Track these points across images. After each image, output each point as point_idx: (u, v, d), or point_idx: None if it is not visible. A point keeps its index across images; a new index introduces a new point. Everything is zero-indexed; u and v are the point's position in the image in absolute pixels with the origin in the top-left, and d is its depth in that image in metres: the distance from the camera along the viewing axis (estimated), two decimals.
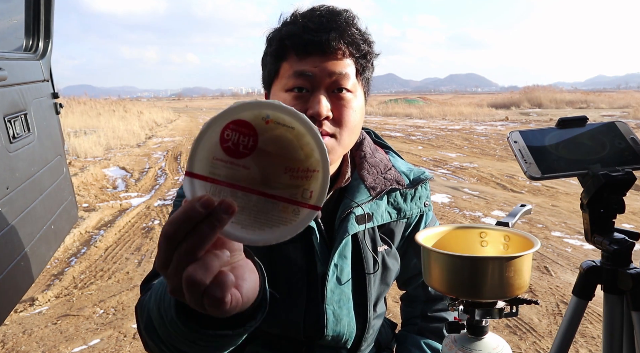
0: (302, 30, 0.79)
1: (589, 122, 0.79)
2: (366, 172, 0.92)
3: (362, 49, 0.81)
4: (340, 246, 0.87)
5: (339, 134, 0.81)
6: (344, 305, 0.90)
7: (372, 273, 0.91)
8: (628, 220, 4.30)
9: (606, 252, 0.72)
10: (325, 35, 0.77)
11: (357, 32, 0.81)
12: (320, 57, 0.78)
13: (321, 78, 0.78)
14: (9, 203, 1.42)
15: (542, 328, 2.46)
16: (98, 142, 10.02)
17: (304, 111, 0.78)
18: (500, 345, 0.66)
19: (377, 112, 24.66)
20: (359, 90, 0.84)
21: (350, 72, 0.80)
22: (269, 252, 0.87)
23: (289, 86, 0.80)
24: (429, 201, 0.98)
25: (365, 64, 0.83)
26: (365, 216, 0.89)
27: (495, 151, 9.08)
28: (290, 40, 0.79)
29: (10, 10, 1.88)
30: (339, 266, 0.88)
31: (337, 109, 0.80)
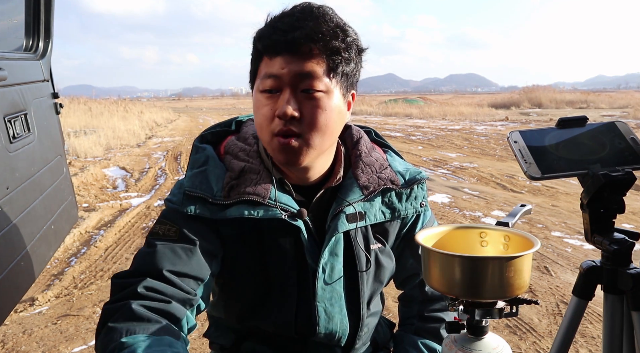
0: (271, 31, 0.79)
1: (589, 122, 0.79)
2: (360, 171, 0.91)
3: (333, 46, 0.78)
4: (330, 244, 0.87)
5: (307, 134, 0.80)
6: (336, 302, 0.90)
7: (365, 271, 0.91)
8: (628, 220, 4.30)
9: (606, 252, 0.72)
10: (292, 35, 0.76)
11: (328, 28, 0.78)
12: (288, 58, 0.78)
13: (289, 79, 0.78)
14: (9, 203, 1.42)
15: (542, 328, 2.46)
16: (98, 142, 10.02)
17: (274, 111, 0.79)
18: (500, 345, 0.66)
19: (377, 112, 24.66)
20: (334, 88, 0.81)
21: (319, 71, 0.78)
22: (261, 250, 0.88)
23: (262, 87, 0.80)
24: (425, 201, 0.97)
25: (339, 60, 0.80)
26: (357, 214, 0.88)
27: (495, 151, 9.08)
28: (261, 42, 0.80)
29: (10, 10, 1.88)
30: (330, 264, 0.89)
31: (305, 108, 0.79)
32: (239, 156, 0.88)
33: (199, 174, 0.86)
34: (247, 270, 0.89)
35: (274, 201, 0.84)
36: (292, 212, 0.85)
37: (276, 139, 0.80)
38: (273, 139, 0.81)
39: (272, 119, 0.80)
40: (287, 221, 0.84)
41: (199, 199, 0.84)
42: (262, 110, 0.81)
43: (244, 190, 0.83)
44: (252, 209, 0.83)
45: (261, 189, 0.84)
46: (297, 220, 0.85)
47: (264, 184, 0.85)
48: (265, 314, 0.91)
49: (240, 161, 0.87)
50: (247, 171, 0.86)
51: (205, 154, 0.89)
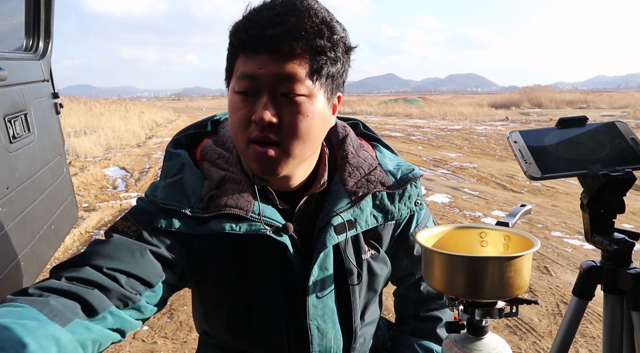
0: (248, 26, 0.71)
1: (589, 122, 0.79)
2: (347, 174, 0.84)
3: (317, 44, 0.70)
4: (318, 259, 0.81)
5: (286, 143, 0.73)
6: (329, 318, 0.85)
7: (357, 284, 0.86)
8: (628, 220, 4.30)
9: (606, 252, 0.72)
10: (271, 31, 0.68)
11: (312, 24, 0.70)
12: (267, 57, 0.70)
13: (267, 81, 0.70)
14: (9, 203, 1.41)
15: (542, 328, 2.46)
16: (98, 142, 10.01)
17: (250, 116, 0.72)
18: (500, 345, 0.66)
19: (377, 112, 24.66)
20: (317, 91, 0.73)
21: (300, 73, 0.71)
22: (240, 266, 0.82)
23: (237, 88, 0.73)
24: (420, 199, 0.90)
25: (323, 60, 0.72)
26: (345, 224, 0.81)
27: (495, 151, 9.08)
28: (237, 37, 0.72)
29: (10, 10, 1.88)
30: (320, 279, 0.83)
31: (285, 114, 0.72)
32: (218, 163, 0.81)
33: (174, 183, 0.79)
34: (225, 287, 0.83)
35: (257, 214, 0.77)
36: (277, 227, 0.78)
37: (252, 147, 0.73)
38: (249, 147, 0.74)
39: (248, 124, 0.73)
40: (271, 237, 0.78)
41: (175, 212, 0.76)
42: (237, 113, 0.74)
43: (225, 202, 0.76)
44: (233, 223, 0.76)
45: (243, 201, 0.77)
46: (282, 235, 0.79)
47: (246, 195, 0.78)
48: (253, 335, 0.85)
49: (219, 169, 0.80)
50: (227, 181, 0.79)
51: (180, 160, 0.82)
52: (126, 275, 0.72)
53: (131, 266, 0.73)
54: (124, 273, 0.72)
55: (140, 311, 0.74)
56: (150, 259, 0.75)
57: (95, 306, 0.66)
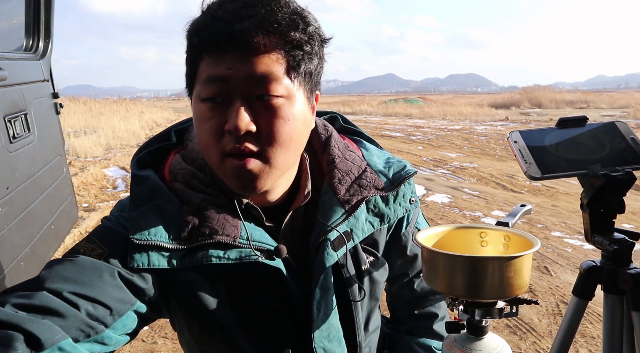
0: (212, 22, 0.62)
1: (589, 122, 0.79)
2: (337, 182, 0.76)
3: (292, 38, 0.63)
4: (319, 281, 0.74)
5: (267, 152, 0.65)
6: (334, 337, 0.79)
7: (359, 301, 0.81)
8: (628, 220, 4.30)
9: (606, 252, 0.72)
10: (239, 25, 0.60)
11: (285, 16, 0.62)
12: (236, 56, 0.61)
13: (238, 83, 0.62)
14: (9, 203, 1.41)
15: (542, 328, 2.46)
16: (98, 142, 10.02)
17: (222, 126, 0.63)
18: (500, 345, 0.66)
19: (377, 112, 24.66)
20: (296, 92, 0.66)
21: (277, 71, 0.63)
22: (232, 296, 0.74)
23: (203, 94, 0.64)
24: (414, 196, 0.84)
25: (300, 55, 0.64)
26: (342, 237, 0.74)
27: (495, 151, 9.08)
28: (198, 36, 0.63)
29: (10, 10, 1.88)
30: (323, 300, 0.76)
31: (262, 120, 0.63)
32: (193, 184, 0.72)
33: (146, 213, 0.68)
34: (219, 320, 0.74)
35: (246, 239, 0.69)
36: (269, 250, 0.71)
37: (228, 162, 0.64)
38: (224, 161, 0.65)
39: (221, 136, 0.64)
40: (265, 263, 0.70)
41: (152, 247, 0.66)
42: (206, 124, 0.64)
43: (209, 230, 0.68)
44: (221, 252, 0.68)
45: (229, 226, 0.69)
46: (274, 259, 0.71)
47: (231, 219, 0.69)
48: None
49: (196, 191, 0.71)
50: (208, 205, 0.70)
51: (149, 185, 0.71)
52: (90, 301, 0.62)
53: (97, 290, 0.63)
54: (88, 298, 0.62)
55: (103, 343, 0.64)
56: (119, 284, 0.65)
57: (42, 340, 0.55)
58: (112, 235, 0.69)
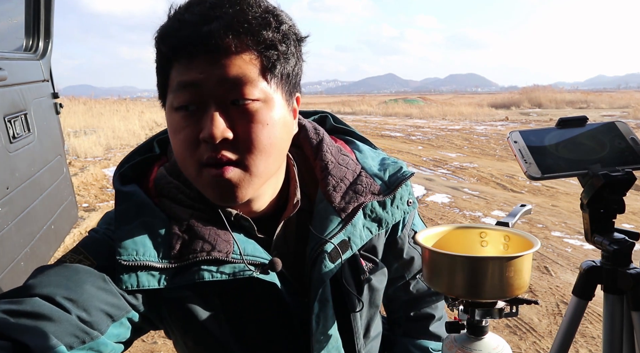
0: (179, 26, 0.59)
1: (589, 122, 0.79)
2: (332, 189, 0.73)
3: (265, 37, 0.59)
4: (318, 295, 0.72)
5: (246, 160, 0.61)
6: (333, 347, 0.77)
7: (358, 311, 0.78)
8: (628, 220, 4.30)
9: (606, 252, 0.72)
10: (207, 27, 0.57)
11: (256, 15, 0.60)
12: (207, 60, 0.58)
13: (210, 88, 0.59)
14: (9, 203, 1.42)
15: (542, 328, 2.46)
16: (98, 142, 10.02)
17: (197, 134, 0.59)
18: (500, 345, 0.66)
19: (377, 112, 24.66)
20: (274, 93, 0.63)
21: (251, 73, 0.59)
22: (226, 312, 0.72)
23: (175, 103, 0.61)
24: (412, 197, 0.81)
25: (275, 55, 0.61)
26: (340, 246, 0.72)
27: (495, 151, 9.08)
28: (165, 43, 0.60)
29: (10, 10, 1.88)
30: (322, 312, 0.74)
31: (239, 126, 0.60)
32: (180, 199, 0.69)
33: (133, 232, 0.65)
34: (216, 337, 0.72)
35: (239, 255, 0.66)
36: (263, 264, 0.68)
37: (206, 171, 0.61)
38: (202, 172, 0.61)
39: (197, 146, 0.60)
40: (259, 278, 0.68)
41: (141, 268, 0.63)
42: (181, 135, 0.61)
43: (201, 247, 0.65)
44: (213, 268, 0.65)
45: (221, 242, 0.66)
46: (269, 273, 0.69)
47: (223, 234, 0.67)
48: None
49: (184, 207, 0.68)
50: (196, 220, 0.67)
51: (134, 202, 0.68)
52: (84, 306, 0.59)
53: (90, 295, 0.60)
54: (81, 304, 0.59)
55: (99, 351, 0.60)
56: (113, 290, 0.63)
57: (32, 348, 0.52)
58: (99, 246, 0.66)
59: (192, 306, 0.70)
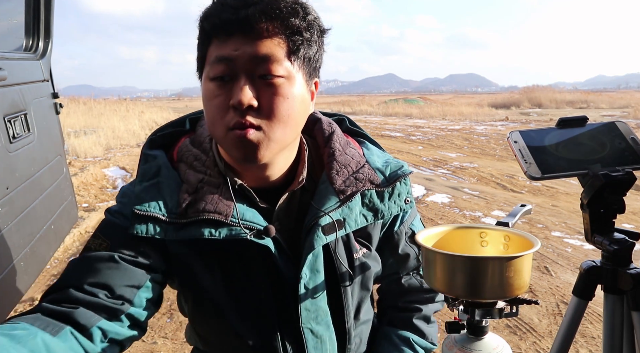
0: (220, 9, 0.69)
1: (589, 122, 0.79)
2: (335, 173, 0.81)
3: (293, 24, 0.69)
4: (307, 261, 0.78)
5: (267, 126, 0.70)
6: (322, 320, 0.83)
7: (349, 286, 0.84)
8: (628, 220, 4.30)
9: (606, 252, 0.72)
10: (245, 11, 0.67)
11: (287, 4, 0.69)
12: (242, 38, 0.68)
13: (243, 63, 0.68)
14: (9, 203, 1.41)
15: (542, 328, 2.46)
16: (98, 142, 10.02)
17: (228, 102, 0.69)
18: (500, 345, 0.66)
19: (377, 112, 24.67)
20: (296, 73, 0.72)
21: (278, 54, 0.69)
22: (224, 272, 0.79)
23: (212, 74, 0.70)
24: (410, 196, 0.88)
25: (300, 41, 0.70)
26: (334, 224, 0.79)
27: (495, 151, 9.08)
28: (208, 22, 0.70)
29: (10, 10, 1.88)
30: (312, 281, 0.80)
31: (263, 96, 0.69)
32: (195, 166, 0.78)
33: (150, 188, 0.76)
34: (211, 296, 0.79)
35: (237, 219, 0.74)
36: (259, 229, 0.75)
37: (232, 134, 0.70)
38: (228, 134, 0.70)
39: (226, 111, 0.70)
40: (253, 241, 0.75)
41: (151, 218, 0.73)
42: (214, 101, 0.71)
43: (203, 207, 0.73)
44: (212, 229, 0.74)
45: (222, 205, 0.74)
46: (264, 238, 0.76)
47: (225, 199, 0.75)
48: (245, 344, 0.81)
49: (196, 172, 0.77)
50: (205, 184, 0.76)
51: (156, 163, 0.79)
52: (109, 287, 0.70)
53: (111, 277, 0.71)
54: (105, 286, 0.70)
55: (133, 317, 0.73)
56: (129, 267, 0.73)
57: (83, 323, 0.66)
58: (113, 228, 0.76)
59: (192, 264, 0.78)
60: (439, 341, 0.93)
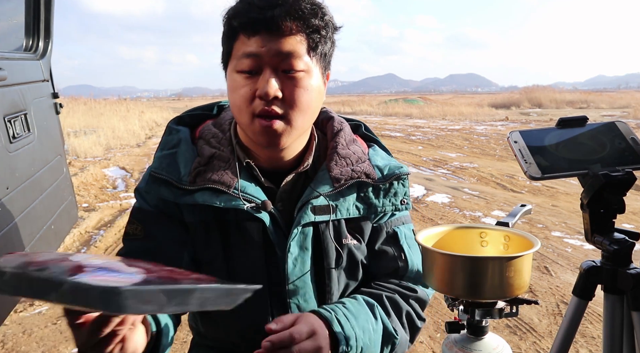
0: (248, 8, 0.76)
1: (589, 122, 0.79)
2: (334, 163, 0.88)
3: (313, 23, 0.77)
4: (296, 236, 0.84)
5: (289, 115, 0.79)
6: (310, 298, 0.87)
7: (334, 268, 0.88)
8: (628, 220, 4.30)
9: (606, 252, 0.72)
10: (271, 12, 0.74)
11: (307, 5, 0.77)
12: (267, 36, 0.75)
13: (269, 58, 0.76)
14: (9, 203, 1.42)
15: (542, 328, 2.46)
16: (98, 142, 10.02)
17: (254, 92, 0.77)
18: (500, 345, 0.66)
19: (377, 112, 24.67)
20: (314, 68, 0.80)
21: (300, 50, 0.77)
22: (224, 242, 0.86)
23: (239, 67, 0.78)
24: (407, 198, 0.92)
25: (318, 38, 0.79)
26: (326, 207, 0.85)
27: (495, 151, 9.08)
28: (237, 20, 0.77)
29: (10, 10, 1.88)
30: (301, 258, 0.86)
31: (287, 88, 0.78)
32: (211, 142, 0.87)
33: (168, 156, 0.86)
34: (210, 262, 0.87)
35: (238, 191, 0.82)
36: (257, 203, 0.83)
37: (258, 121, 0.78)
38: (254, 121, 0.79)
39: (252, 100, 0.78)
40: (251, 213, 0.82)
41: (164, 182, 0.84)
42: (241, 91, 0.78)
43: (209, 177, 0.82)
44: (214, 197, 0.82)
45: (227, 177, 0.83)
46: (261, 212, 0.83)
47: (231, 173, 0.84)
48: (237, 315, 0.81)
49: (211, 147, 0.86)
50: (216, 158, 0.85)
51: (178, 136, 0.89)
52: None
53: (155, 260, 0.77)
54: None
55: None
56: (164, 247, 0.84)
57: None
58: (142, 212, 0.87)
59: (199, 234, 0.86)
60: (439, 341, 0.92)
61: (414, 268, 0.93)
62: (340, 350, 0.78)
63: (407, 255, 0.93)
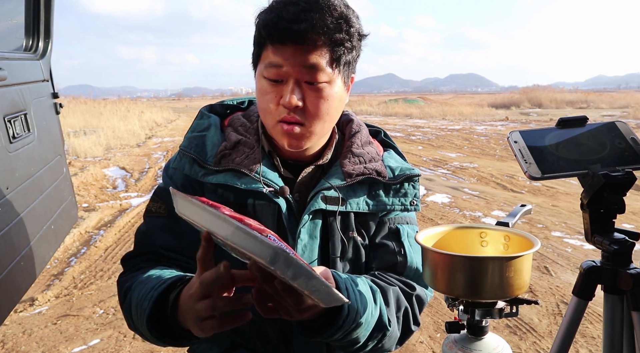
0: (277, 20, 0.79)
1: (589, 122, 0.78)
2: (348, 160, 0.93)
3: (337, 38, 0.81)
4: (306, 224, 0.88)
5: (309, 122, 0.84)
6: None
7: (338, 257, 0.90)
8: (628, 220, 4.30)
9: (606, 252, 0.72)
10: (297, 26, 0.78)
11: (333, 20, 0.80)
12: (293, 49, 0.79)
13: (293, 70, 0.80)
14: (9, 203, 1.42)
15: (542, 328, 2.46)
16: (98, 142, 10.02)
17: (279, 99, 0.83)
18: (500, 345, 0.66)
19: (377, 112, 24.67)
20: (336, 77, 0.84)
21: (323, 63, 0.81)
22: None
23: (265, 74, 0.83)
24: (417, 200, 0.96)
25: (342, 51, 0.82)
26: (336, 199, 0.90)
27: (495, 151, 9.08)
28: (266, 30, 0.81)
29: (10, 10, 1.88)
30: (310, 246, 0.89)
31: (308, 99, 0.82)
32: (239, 130, 0.94)
33: (197, 137, 0.92)
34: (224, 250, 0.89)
35: (259, 175, 0.87)
36: (275, 188, 0.87)
37: (280, 125, 0.84)
38: (277, 125, 0.85)
39: (277, 106, 0.83)
40: (268, 196, 0.87)
41: (191, 159, 0.90)
42: (267, 97, 0.84)
43: (233, 160, 0.88)
44: (236, 178, 0.87)
45: (249, 162, 0.88)
46: (278, 198, 0.88)
47: (254, 158, 0.89)
48: None
49: (238, 134, 0.92)
50: (242, 144, 0.90)
51: (208, 121, 0.95)
52: (173, 251, 0.89)
53: (172, 241, 0.89)
54: (171, 249, 0.89)
55: None
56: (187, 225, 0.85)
57: None
58: (166, 191, 0.90)
59: None
60: (439, 341, 0.92)
61: (413, 266, 0.93)
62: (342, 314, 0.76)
63: (407, 251, 0.93)
